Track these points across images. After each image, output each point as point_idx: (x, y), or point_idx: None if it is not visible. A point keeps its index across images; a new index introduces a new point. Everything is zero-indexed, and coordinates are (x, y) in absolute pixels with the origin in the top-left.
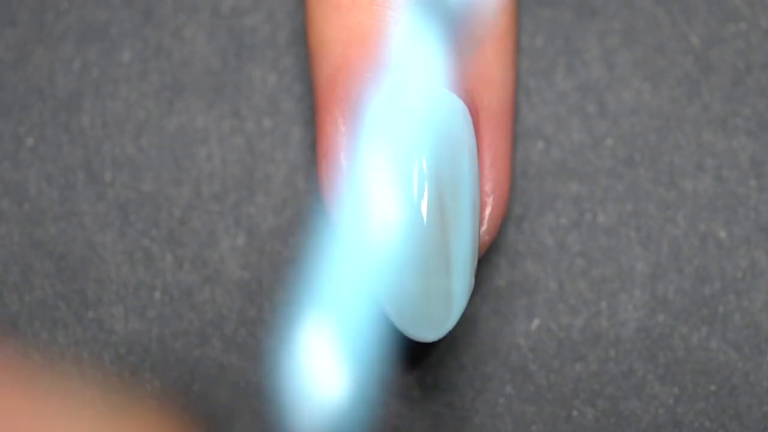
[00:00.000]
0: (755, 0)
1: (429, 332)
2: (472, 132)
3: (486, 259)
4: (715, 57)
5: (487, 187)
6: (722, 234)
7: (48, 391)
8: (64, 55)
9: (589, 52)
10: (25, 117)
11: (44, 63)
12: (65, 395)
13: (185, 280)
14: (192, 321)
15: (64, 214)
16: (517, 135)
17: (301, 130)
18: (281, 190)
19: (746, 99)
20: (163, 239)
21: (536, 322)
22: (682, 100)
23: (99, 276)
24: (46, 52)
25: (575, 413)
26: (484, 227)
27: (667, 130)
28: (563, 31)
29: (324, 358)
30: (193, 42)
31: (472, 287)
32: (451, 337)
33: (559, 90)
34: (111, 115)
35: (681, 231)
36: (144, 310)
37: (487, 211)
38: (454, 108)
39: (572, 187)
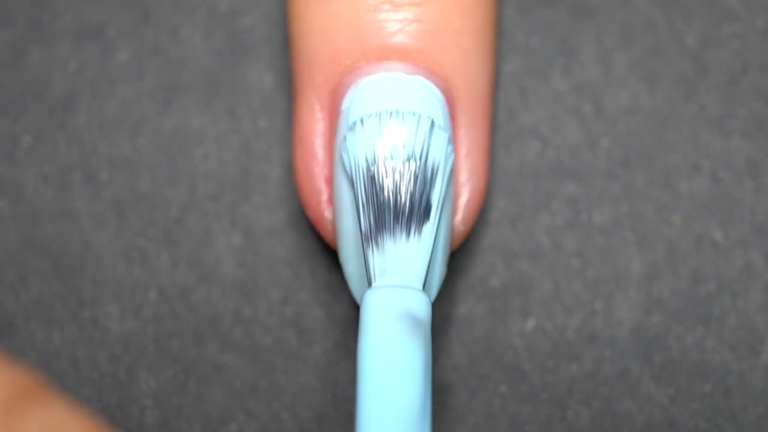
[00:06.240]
0: (751, 1)
1: None
2: (449, 120)
3: (481, 258)
4: (711, 58)
5: (463, 177)
6: (718, 235)
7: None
8: (60, 55)
9: (585, 53)
10: (22, 117)
11: (40, 62)
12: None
13: (181, 279)
14: (187, 320)
15: (60, 213)
16: (513, 135)
17: None
18: (277, 189)
19: (742, 100)
20: (158, 239)
21: (531, 322)
22: (678, 100)
23: (95, 275)
24: (42, 51)
25: (570, 413)
26: (459, 217)
27: (663, 130)
28: (560, 32)
29: None
30: (189, 42)
31: (443, 276)
32: (445, 337)
33: (556, 90)
34: (107, 114)
35: (677, 232)
36: (140, 309)
37: (462, 200)
38: (431, 94)
39: (568, 188)
